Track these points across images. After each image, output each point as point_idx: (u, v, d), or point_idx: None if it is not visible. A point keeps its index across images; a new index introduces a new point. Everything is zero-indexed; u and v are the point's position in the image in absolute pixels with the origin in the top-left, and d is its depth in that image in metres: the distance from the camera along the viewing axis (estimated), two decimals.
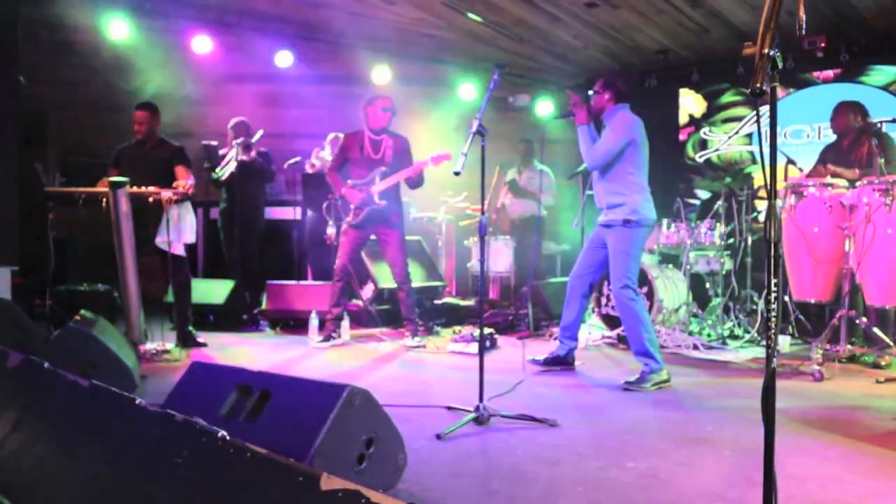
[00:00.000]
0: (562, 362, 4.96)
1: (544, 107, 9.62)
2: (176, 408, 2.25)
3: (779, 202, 5.42)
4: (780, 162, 5.88)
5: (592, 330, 6.30)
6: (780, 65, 1.70)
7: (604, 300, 6.43)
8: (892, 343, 4.71)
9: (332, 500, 1.63)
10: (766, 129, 1.82)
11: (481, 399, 3.52)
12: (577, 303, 4.89)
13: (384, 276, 6.56)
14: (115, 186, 4.89)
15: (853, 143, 5.72)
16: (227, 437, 1.90)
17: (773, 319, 1.73)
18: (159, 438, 2.08)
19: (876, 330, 4.78)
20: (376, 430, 2.42)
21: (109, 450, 2.20)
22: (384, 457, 2.45)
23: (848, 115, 5.74)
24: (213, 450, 1.91)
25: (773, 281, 1.71)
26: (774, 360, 1.73)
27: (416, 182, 5.90)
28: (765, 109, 1.74)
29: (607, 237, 4.65)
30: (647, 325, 4.51)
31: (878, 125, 6.01)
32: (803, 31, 1.78)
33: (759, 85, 1.67)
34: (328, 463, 2.20)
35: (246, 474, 1.81)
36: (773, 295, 1.71)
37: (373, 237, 6.04)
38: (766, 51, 1.69)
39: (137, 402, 2.24)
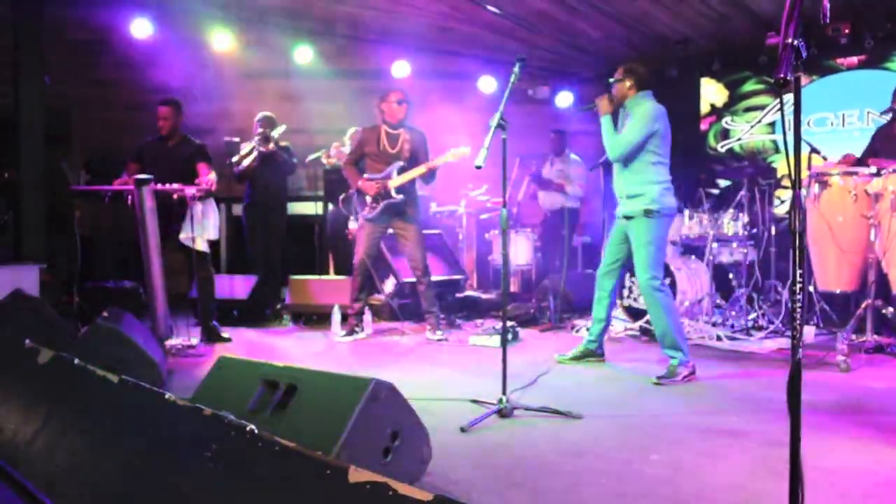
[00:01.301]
0: (592, 355, 4.94)
1: (565, 98, 9.60)
2: (204, 402, 2.29)
3: (803, 191, 5.41)
4: (804, 151, 5.82)
5: (615, 322, 6.27)
6: (804, 55, 1.68)
7: (626, 292, 6.41)
8: None
9: (360, 492, 1.65)
10: (790, 118, 1.81)
11: (504, 392, 3.53)
12: (607, 299, 4.85)
13: (405, 270, 6.59)
14: (141, 184, 4.95)
15: None
16: (256, 431, 1.93)
17: (798, 311, 1.73)
18: (189, 432, 2.11)
19: None
20: (401, 423, 2.44)
21: (140, 444, 2.24)
22: (409, 450, 2.47)
23: None
24: (241, 443, 1.93)
25: (798, 272, 1.70)
26: (800, 351, 1.72)
27: (429, 178, 5.92)
28: (788, 98, 1.73)
29: (629, 229, 4.61)
30: (675, 318, 4.48)
31: None
32: (827, 20, 1.76)
33: (783, 76, 1.66)
34: (354, 456, 2.22)
35: (275, 468, 1.83)
36: (798, 286, 1.70)
37: (391, 231, 6.07)
38: (789, 41, 1.67)
39: (167, 396, 2.27)
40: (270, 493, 1.82)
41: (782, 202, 7.21)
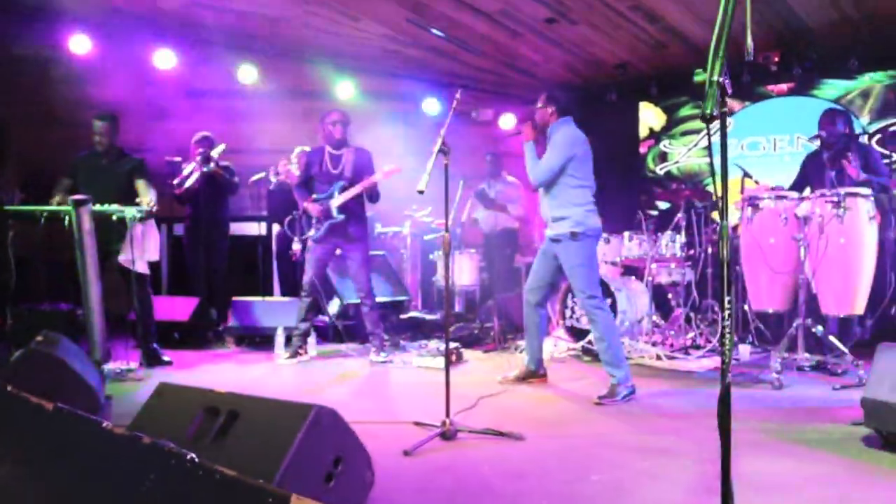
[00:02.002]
0: (533, 375, 5.00)
1: (507, 120, 9.74)
2: (143, 430, 2.25)
3: (736, 213, 5.58)
4: (737, 174, 6.03)
5: (558, 343, 6.37)
6: (730, 91, 1.76)
7: (569, 312, 6.51)
8: (846, 351, 4.84)
9: None
10: (717, 147, 1.89)
11: (448, 414, 3.55)
12: (537, 315, 4.94)
13: (349, 292, 6.58)
14: (79, 204, 4.84)
15: (838, 152, 5.52)
16: (196, 460, 1.92)
17: (728, 336, 1.80)
18: (127, 461, 2.08)
19: (831, 338, 4.91)
20: (344, 448, 2.44)
21: (76, 473, 2.19)
22: (352, 475, 2.47)
23: (836, 122, 5.62)
24: (181, 472, 1.92)
25: (727, 299, 1.77)
26: (729, 375, 1.79)
27: (373, 196, 5.93)
28: (715, 127, 1.80)
29: (557, 251, 4.72)
30: (616, 337, 4.59)
31: (861, 135, 6.11)
32: (751, 58, 1.85)
33: (709, 111, 1.73)
34: (296, 483, 2.21)
35: (215, 497, 1.82)
36: (728, 312, 1.77)
37: (338, 252, 6.06)
38: (715, 78, 1.75)
39: (104, 424, 2.23)
40: None
41: (717, 224, 7.42)
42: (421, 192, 3.51)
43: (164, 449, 2.01)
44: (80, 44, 7.47)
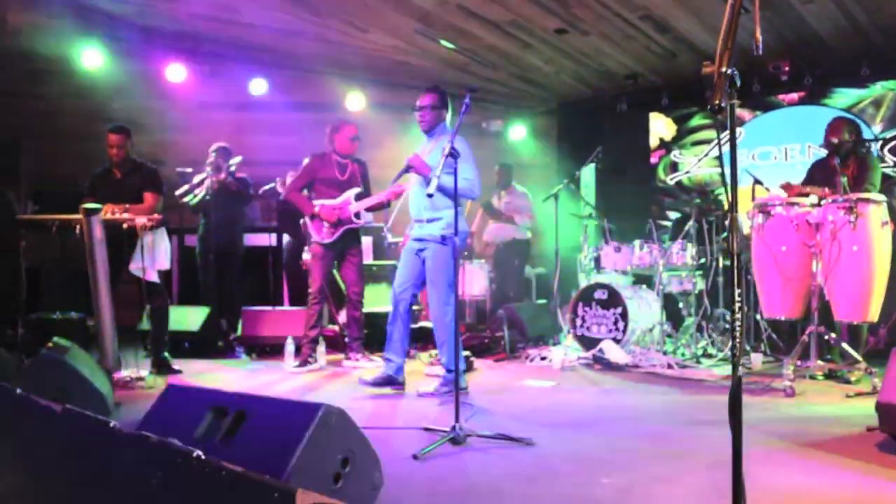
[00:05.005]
0: (392, 381, 4.88)
1: (518, 131, 9.76)
2: (151, 430, 2.25)
3: (747, 221, 5.55)
4: (748, 182, 6.00)
5: (569, 351, 6.33)
6: (738, 83, 1.76)
7: (579, 321, 6.48)
8: (860, 358, 4.79)
9: None
10: (727, 143, 1.88)
11: (457, 419, 3.53)
12: (405, 317, 4.91)
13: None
14: (90, 213, 4.88)
15: (844, 159, 5.45)
16: (203, 457, 1.91)
17: (739, 328, 1.78)
18: (134, 460, 2.08)
19: (844, 345, 4.86)
20: (352, 449, 2.43)
21: (84, 473, 2.19)
22: (360, 476, 2.46)
23: (843, 131, 5.50)
24: (188, 470, 1.91)
25: (738, 291, 1.75)
26: (740, 368, 1.77)
27: (387, 205, 6.02)
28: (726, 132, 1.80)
29: (425, 251, 4.78)
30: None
31: (869, 144, 6.06)
32: (760, 52, 1.84)
33: (717, 102, 1.73)
34: (304, 482, 2.19)
35: (221, 493, 1.81)
36: (738, 304, 1.76)
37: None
38: (723, 69, 1.75)
39: (111, 424, 2.23)
40: None
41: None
42: (430, 196, 3.52)
43: (171, 447, 2.01)
44: (92, 59, 7.55)
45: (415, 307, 7.39)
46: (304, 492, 1.68)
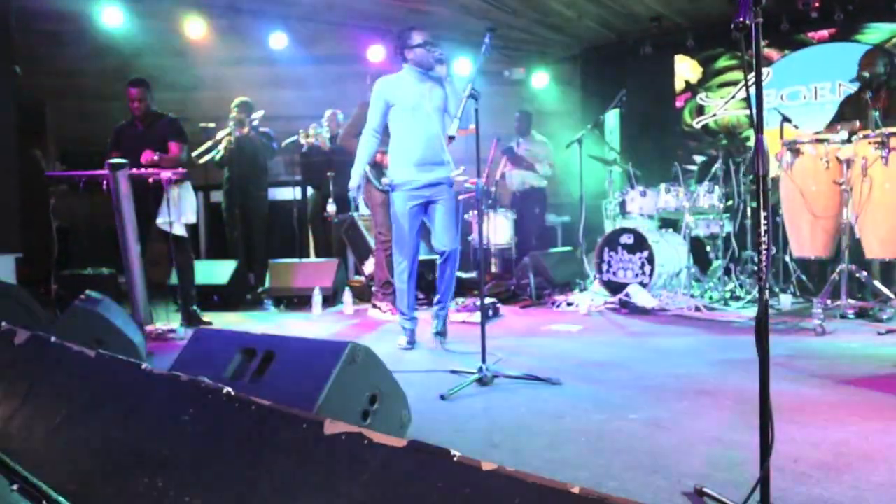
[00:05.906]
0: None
1: (540, 79, 9.62)
2: (182, 372, 2.29)
3: (775, 162, 5.45)
4: (776, 121, 5.88)
5: (595, 297, 6.32)
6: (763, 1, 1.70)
7: (605, 266, 6.46)
8: (892, 296, 4.72)
9: (335, 442, 1.67)
10: (752, 76, 1.84)
11: (484, 360, 3.55)
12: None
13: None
14: (115, 168, 4.91)
15: (876, 93, 5.32)
16: (232, 393, 1.95)
17: (764, 252, 1.76)
18: (166, 399, 2.12)
19: (876, 283, 4.79)
20: (379, 386, 2.46)
21: (119, 414, 2.24)
22: (388, 413, 2.49)
23: (878, 63, 5.37)
24: (218, 405, 1.95)
25: (763, 214, 1.73)
26: (766, 292, 1.76)
27: None
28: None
29: (437, 195, 4.61)
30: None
31: None
32: None
33: (742, 19, 1.68)
34: (332, 418, 2.23)
35: (252, 426, 1.85)
36: (763, 227, 1.73)
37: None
38: None
39: (143, 366, 2.28)
40: (249, 451, 1.83)
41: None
42: (452, 138, 3.48)
43: (202, 385, 2.05)
44: (112, 17, 7.53)
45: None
46: (332, 421, 1.71)
